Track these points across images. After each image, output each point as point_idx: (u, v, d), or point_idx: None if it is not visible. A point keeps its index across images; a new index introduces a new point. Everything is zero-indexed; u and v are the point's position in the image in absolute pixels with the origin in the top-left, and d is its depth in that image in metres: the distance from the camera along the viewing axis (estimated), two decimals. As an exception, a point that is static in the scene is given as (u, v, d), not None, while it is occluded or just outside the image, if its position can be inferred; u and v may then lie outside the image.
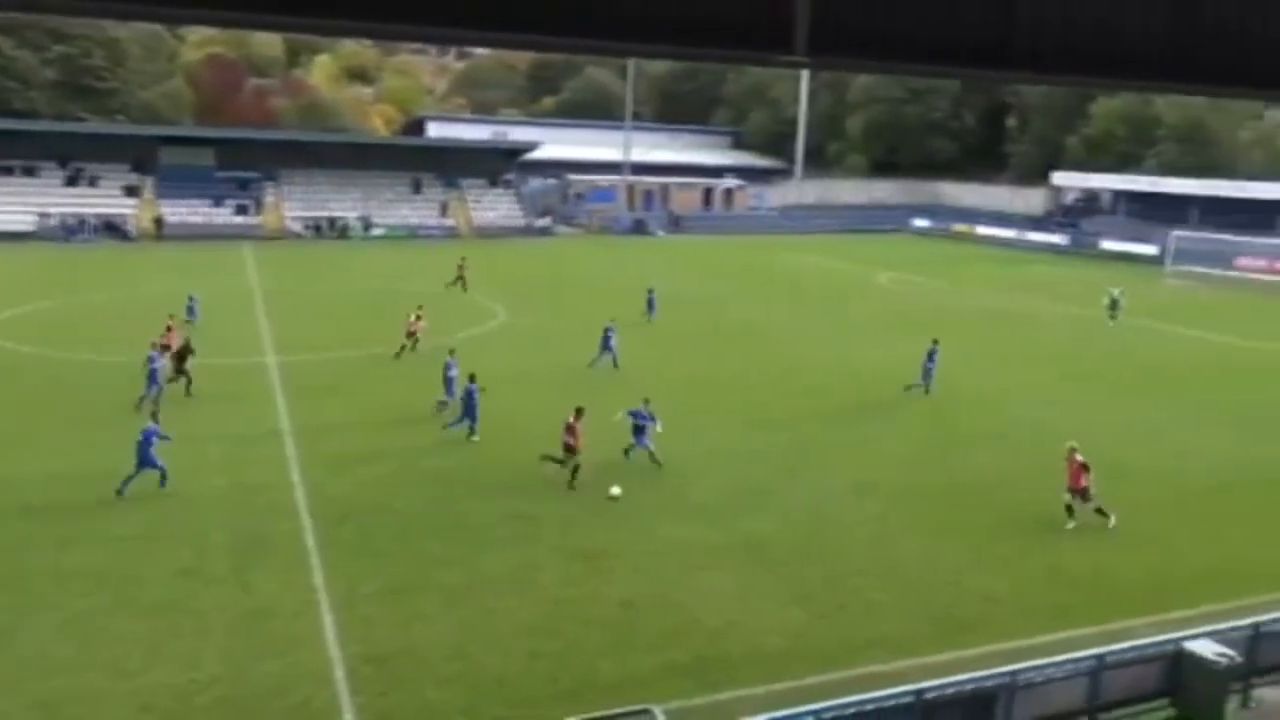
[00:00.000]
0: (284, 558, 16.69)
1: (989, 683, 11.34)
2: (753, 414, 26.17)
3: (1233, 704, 12.38)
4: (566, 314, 40.35)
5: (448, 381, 25.66)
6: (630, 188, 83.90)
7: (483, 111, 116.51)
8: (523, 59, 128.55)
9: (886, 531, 18.57)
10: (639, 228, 78.96)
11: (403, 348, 31.75)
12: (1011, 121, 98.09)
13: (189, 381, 26.53)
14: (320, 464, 21.38)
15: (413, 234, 71.44)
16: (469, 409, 23.36)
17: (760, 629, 14.67)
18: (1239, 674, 12.33)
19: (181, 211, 68.11)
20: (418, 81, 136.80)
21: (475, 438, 23.17)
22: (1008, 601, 15.78)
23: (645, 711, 10.29)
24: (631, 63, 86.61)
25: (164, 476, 19.48)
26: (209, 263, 53.55)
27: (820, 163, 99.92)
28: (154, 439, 19.52)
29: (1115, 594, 16.02)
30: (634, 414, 21.79)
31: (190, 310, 36.11)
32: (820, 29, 7.60)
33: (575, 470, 20.31)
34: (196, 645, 13.81)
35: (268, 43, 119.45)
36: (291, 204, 71.96)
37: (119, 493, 19.03)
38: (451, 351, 26.80)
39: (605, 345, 31.00)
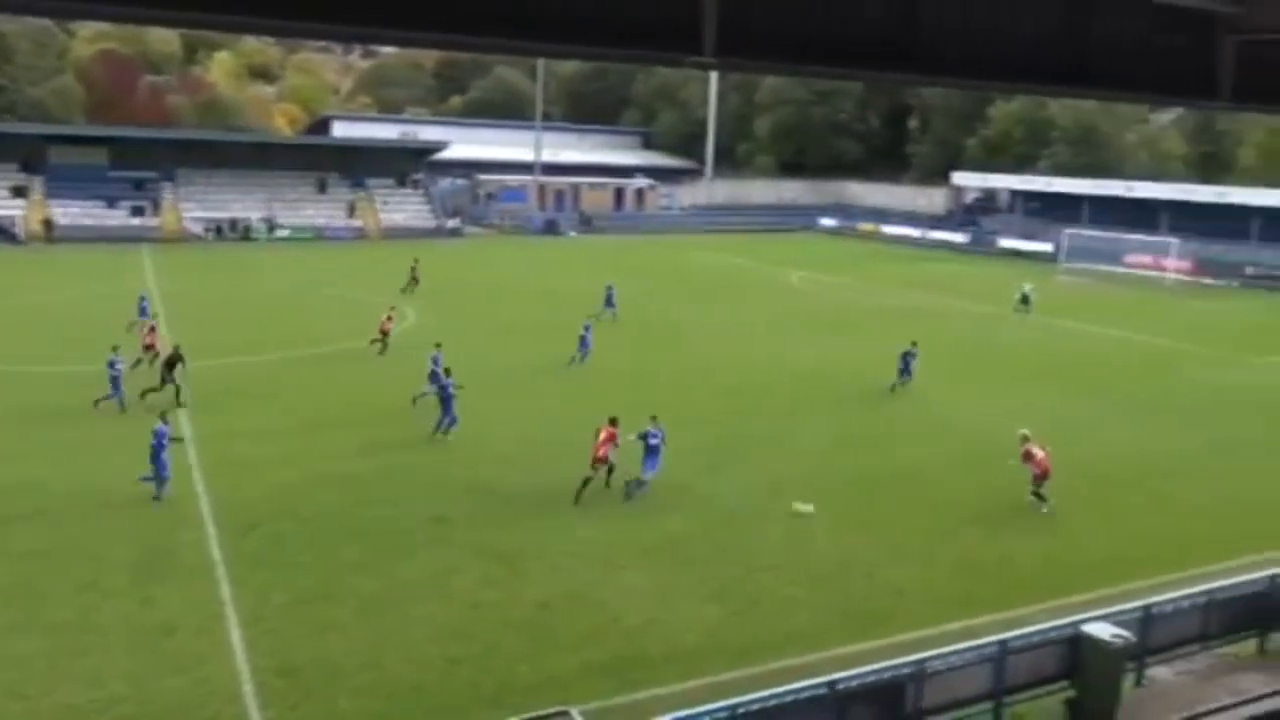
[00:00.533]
0: (188, 570, 16.20)
1: (898, 672, 11.63)
2: (670, 412, 26.24)
3: (1128, 682, 12.92)
4: (478, 316, 40.04)
5: (433, 375, 25.64)
6: (541, 188, 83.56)
7: (389, 111, 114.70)
8: (430, 58, 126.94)
9: (801, 527, 18.86)
10: (550, 228, 78.72)
11: (374, 341, 32.35)
12: (914, 123, 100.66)
13: (178, 390, 25.55)
14: (225, 472, 20.80)
15: (319, 235, 69.98)
16: (446, 407, 23.29)
17: (678, 626, 14.77)
18: (1133, 654, 12.87)
19: (73, 213, 65.45)
20: (322, 80, 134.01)
21: (448, 435, 23.13)
22: (917, 592, 16.19)
23: (563, 713, 10.27)
24: (541, 63, 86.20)
25: (161, 484, 19.08)
26: (105, 266, 51.64)
27: (730, 163, 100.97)
28: (165, 440, 19.13)
29: (1019, 582, 16.57)
30: (646, 435, 20.06)
31: (142, 310, 34.87)
32: (728, 31, 7.71)
33: (610, 471, 19.90)
34: (98, 663, 13.31)
35: (164, 39, 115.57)
36: (191, 205, 69.76)
37: (155, 499, 18.87)
38: (438, 345, 27.03)
39: (583, 342, 31.43)
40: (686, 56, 7.89)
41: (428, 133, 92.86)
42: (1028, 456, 20.07)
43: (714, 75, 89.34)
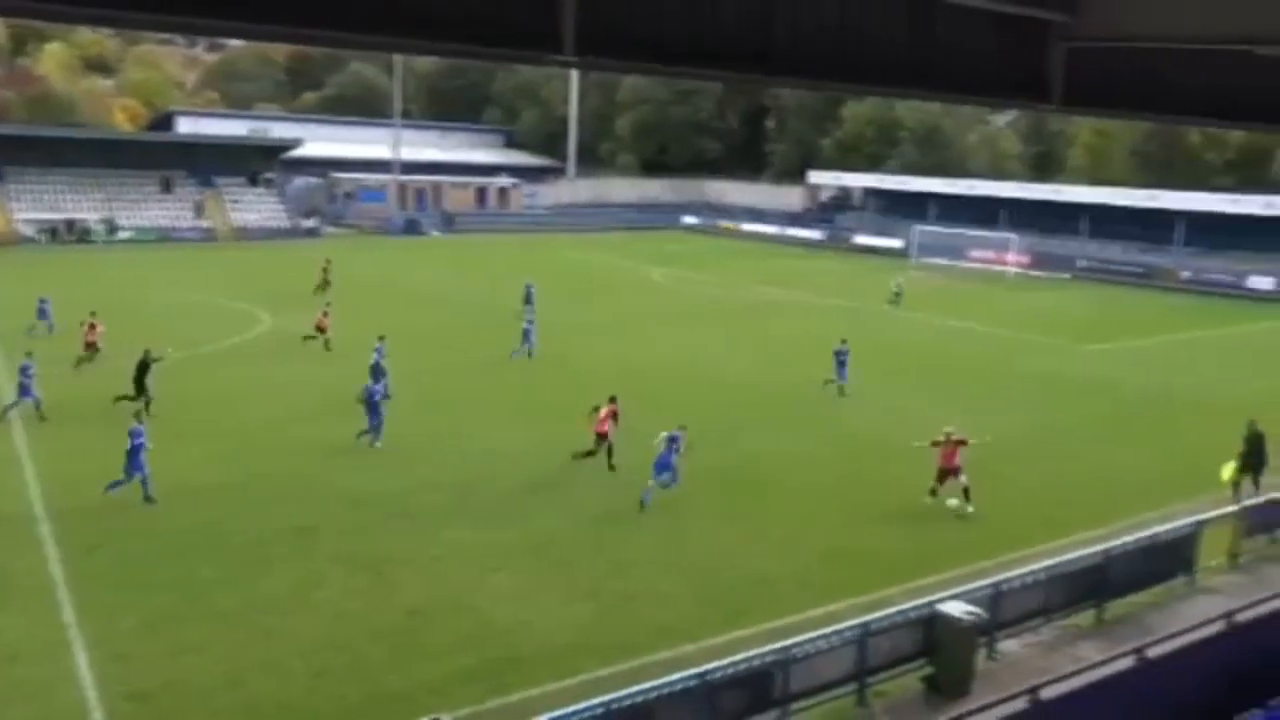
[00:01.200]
0: (27, 595, 15.20)
1: (766, 660, 11.89)
2: (535, 410, 26.19)
3: (980, 656, 13.58)
4: (337, 319, 38.90)
5: (374, 370, 25.84)
6: (401, 187, 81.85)
7: (239, 106, 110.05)
8: (281, 52, 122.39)
9: (671, 521, 19.07)
10: (412, 228, 77.22)
11: (309, 338, 32.94)
12: (771, 123, 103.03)
13: (148, 401, 24.27)
14: (66, 490, 19.56)
15: (165, 236, 66.77)
16: (373, 412, 22.56)
17: (550, 626, 14.72)
18: (984, 629, 13.53)
19: (-114, 214, 60.65)
20: (164, 74, 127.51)
21: (378, 443, 22.36)
22: (784, 581, 16.59)
23: (435, 721, 10.12)
24: (398, 59, 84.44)
25: (145, 482, 18.69)
26: (-77, 271, 47.91)
27: (593, 161, 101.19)
28: (142, 442, 18.57)
29: (879, 567, 17.16)
30: (672, 438, 19.94)
31: (42, 313, 32.59)
32: (587, 30, 7.71)
33: (610, 452, 21.19)
34: (-74, 699, 12.35)
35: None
36: (21, 205, 65.42)
37: (148, 499, 18.68)
38: (381, 338, 27.21)
39: (526, 337, 32.18)
40: (547, 55, 7.85)
41: (280, 130, 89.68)
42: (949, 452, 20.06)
43: (575, 74, 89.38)
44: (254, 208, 73.39)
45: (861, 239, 76.78)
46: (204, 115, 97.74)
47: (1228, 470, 20.62)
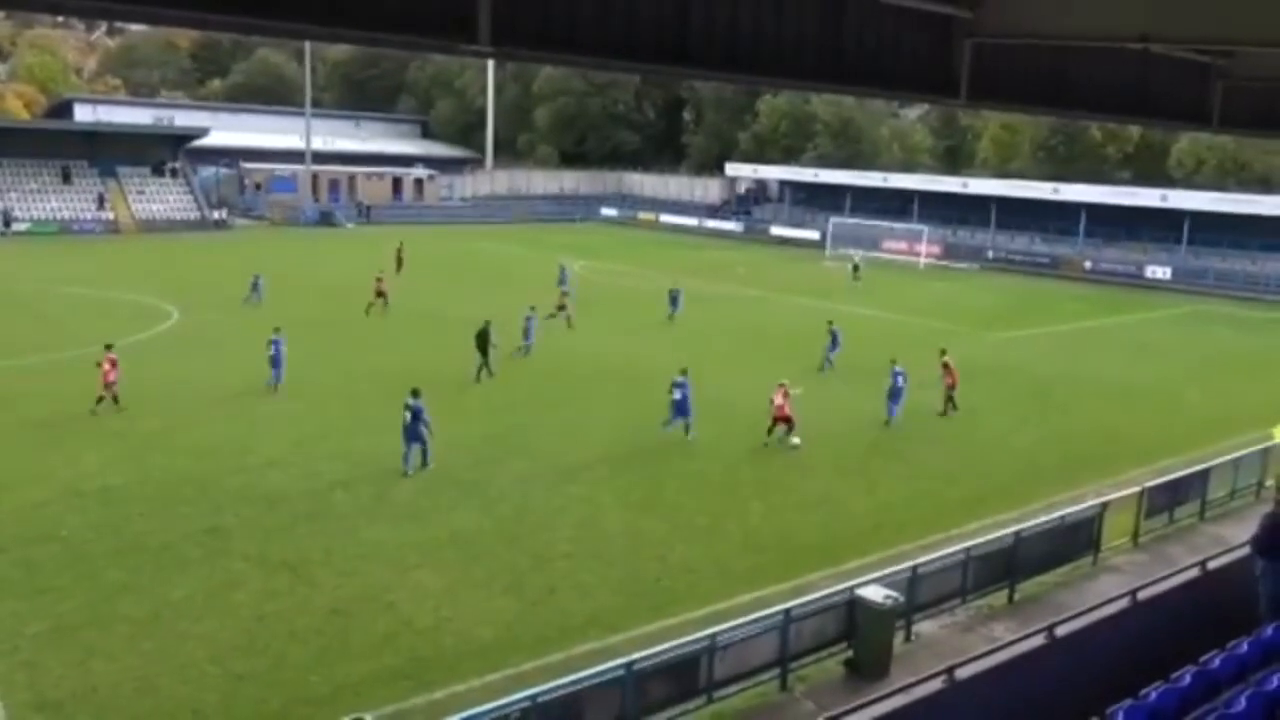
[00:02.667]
0: (-77, 605, 14.53)
1: (692, 648, 12.01)
2: (448, 405, 25.89)
3: (899, 639, 13.91)
4: (249, 313, 37.98)
5: (274, 360, 26.65)
6: (314, 177, 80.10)
7: (142, 94, 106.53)
8: (185, 37, 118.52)
9: (592, 512, 19.09)
10: (326, 219, 75.68)
11: (371, 305, 36.95)
12: (688, 115, 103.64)
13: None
14: (-37, 494, 18.75)
15: (64, 229, 64.30)
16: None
17: (473, 622, 14.62)
18: (902, 612, 13.86)
19: None
20: (61, 59, 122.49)
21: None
22: (707, 569, 16.74)
23: (358, 721, 9.97)
24: (308, 46, 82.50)
25: None
26: None
27: (511, 153, 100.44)
28: None
29: (798, 553, 17.44)
30: (677, 385, 23.44)
31: None
32: (503, 20, 7.65)
33: (790, 429, 23.07)
34: None
35: None
36: (-92, 197, 62.36)
37: None
38: (277, 330, 27.24)
39: (526, 333, 32.18)
40: (461, 44, 7.76)
41: (185, 118, 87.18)
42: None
43: (491, 64, 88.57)
44: (160, 199, 71.07)
45: (778, 230, 77.76)
46: (104, 103, 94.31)
47: (1279, 431, 21.97)
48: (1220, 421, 26.86)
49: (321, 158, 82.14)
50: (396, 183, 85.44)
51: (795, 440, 23.23)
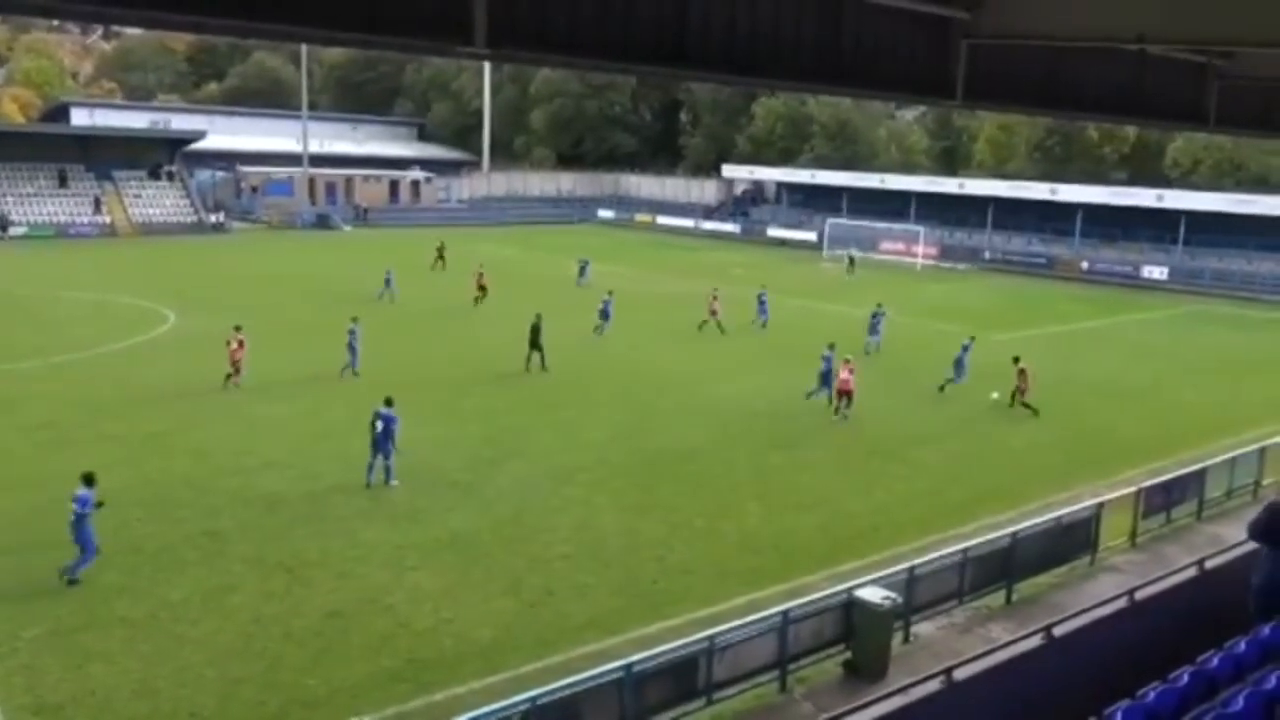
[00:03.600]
0: (-81, 608, 14.50)
1: (691, 649, 12.00)
2: (450, 406, 25.91)
3: (897, 640, 13.91)
4: (246, 316, 37.95)
5: (350, 347, 28.32)
6: (311, 180, 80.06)
7: (138, 97, 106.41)
8: (182, 41, 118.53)
9: (589, 514, 19.08)
10: (323, 222, 75.62)
11: (477, 299, 40.47)
12: (685, 117, 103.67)
13: None
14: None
15: (61, 232, 64.33)
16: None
17: (472, 624, 14.61)
18: (900, 613, 13.86)
19: None
20: (57, 63, 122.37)
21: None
22: (705, 570, 16.73)
23: (357, 723, 9.96)
24: (304, 49, 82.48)
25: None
26: None
27: (507, 155, 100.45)
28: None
29: (796, 554, 17.44)
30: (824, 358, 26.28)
31: None
32: (499, 22, 7.64)
33: (836, 410, 25.68)
34: None
35: None
36: (-96, 200, 62.26)
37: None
38: (354, 319, 29.11)
39: (604, 322, 34.66)
40: (458, 47, 7.76)
41: (182, 121, 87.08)
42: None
43: (487, 66, 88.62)
44: (156, 202, 71.02)
45: (775, 232, 77.79)
46: (101, 106, 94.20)
47: None
48: (1217, 421, 26.89)
49: (318, 160, 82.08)
50: (393, 185, 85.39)
51: (846, 413, 25.97)
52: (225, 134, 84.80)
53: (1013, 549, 15.72)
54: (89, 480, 15.75)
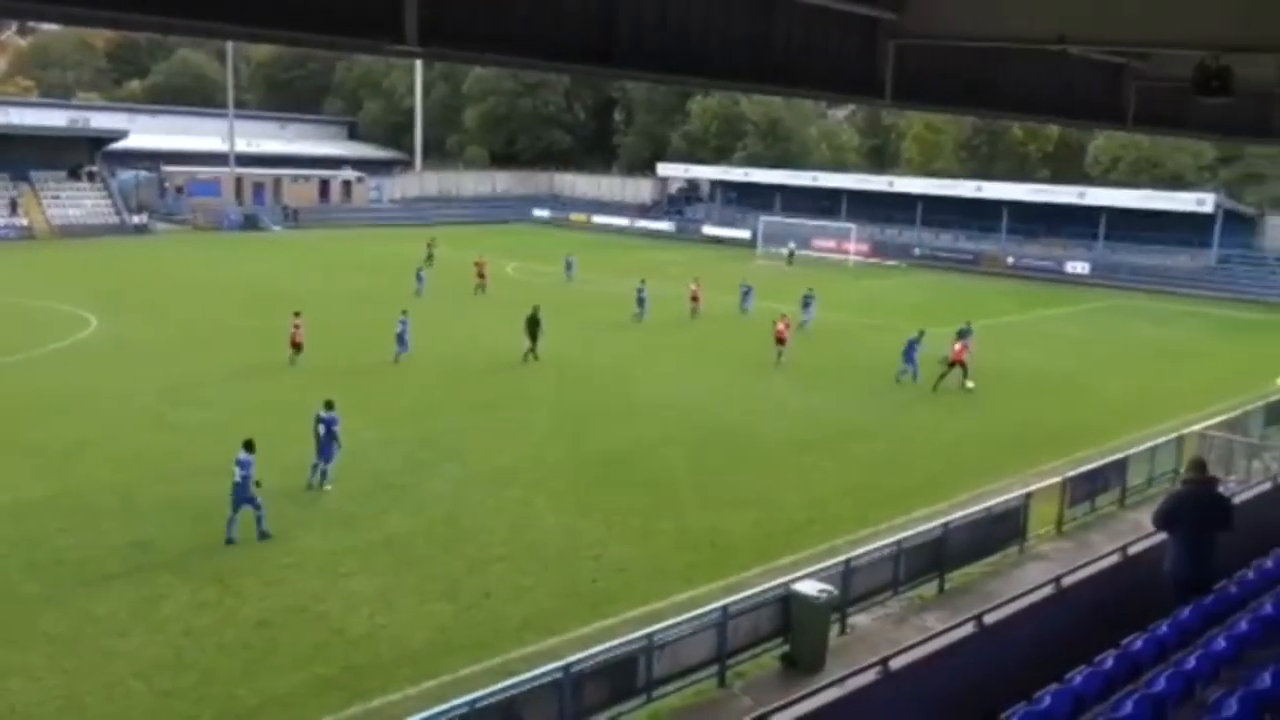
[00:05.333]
0: None
1: (629, 648, 12.00)
2: (381, 408, 25.56)
3: (834, 632, 14.08)
4: (172, 320, 37.07)
5: (400, 337, 30.45)
6: (238, 180, 78.35)
7: (55, 95, 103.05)
8: (101, 37, 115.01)
9: (527, 514, 18.99)
10: (251, 223, 74.01)
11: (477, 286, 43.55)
12: (619, 116, 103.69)
13: None
14: None
15: (-25, 235, 62.02)
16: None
17: (408, 629, 14.43)
18: (837, 606, 14.03)
19: None
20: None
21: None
22: (642, 569, 16.76)
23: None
24: (230, 46, 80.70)
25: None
26: None
27: (440, 154, 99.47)
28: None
29: (732, 550, 17.56)
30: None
31: None
32: (430, 20, 7.54)
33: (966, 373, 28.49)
34: None
35: None
36: None
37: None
38: (405, 311, 31.39)
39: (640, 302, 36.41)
40: (388, 44, 7.64)
41: (103, 120, 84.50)
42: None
43: (419, 64, 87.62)
44: (77, 203, 68.84)
45: (710, 230, 78.19)
46: (16, 104, 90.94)
47: None
48: (1138, 410, 27.73)
49: (245, 160, 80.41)
50: (324, 185, 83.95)
51: (970, 384, 29.02)
52: (148, 133, 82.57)
53: (945, 540, 16.02)
54: (249, 446, 17.44)
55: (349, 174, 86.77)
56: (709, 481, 21.22)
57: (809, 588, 13.54)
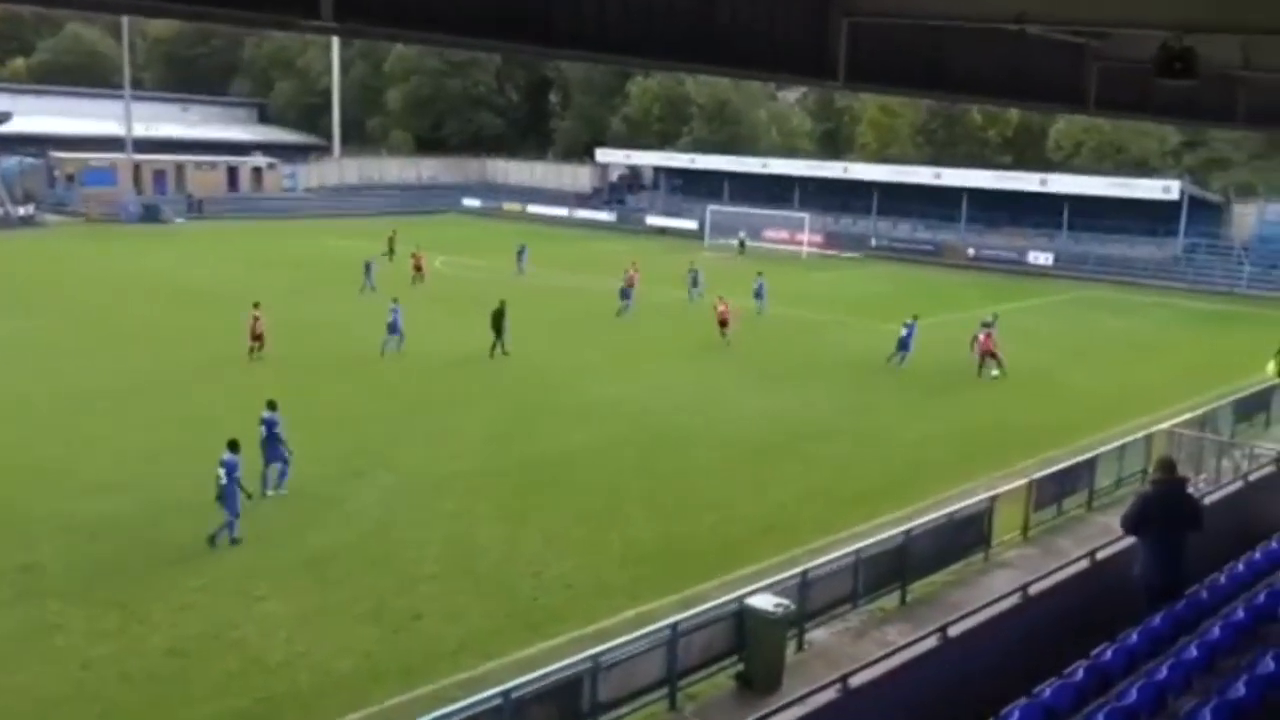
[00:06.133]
0: None
1: (573, 670, 11.97)
2: (306, 415, 25.15)
3: (791, 648, 14.19)
4: (70, 321, 36.14)
5: (392, 326, 31.89)
6: (136, 167, 76.72)
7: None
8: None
9: (463, 528, 18.86)
10: (151, 214, 72.42)
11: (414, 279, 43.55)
12: (554, 98, 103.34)
13: None
14: None
15: None
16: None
17: (331, 655, 14.25)
18: (794, 620, 14.14)
19: None
20: None
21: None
22: (587, 584, 16.74)
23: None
24: (125, 19, 78.90)
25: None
26: None
27: (361, 139, 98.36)
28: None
29: (685, 562, 17.59)
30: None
31: None
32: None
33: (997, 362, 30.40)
34: None
35: None
36: None
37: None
38: (395, 299, 32.72)
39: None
40: (301, 20, 7.53)
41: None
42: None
43: (336, 41, 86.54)
44: (-46, 194, 66.88)
45: (654, 220, 78.37)
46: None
47: (1271, 366, 25.08)
48: (1106, 406, 28.36)
49: (144, 145, 78.80)
50: (232, 173, 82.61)
51: (995, 373, 31.12)
52: (35, 115, 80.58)
53: (906, 548, 16.22)
54: (234, 447, 17.80)
55: (259, 160, 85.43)
56: (660, 487, 21.27)
57: (764, 602, 13.63)
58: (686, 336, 37.11)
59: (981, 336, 32.07)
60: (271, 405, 20.12)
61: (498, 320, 32.37)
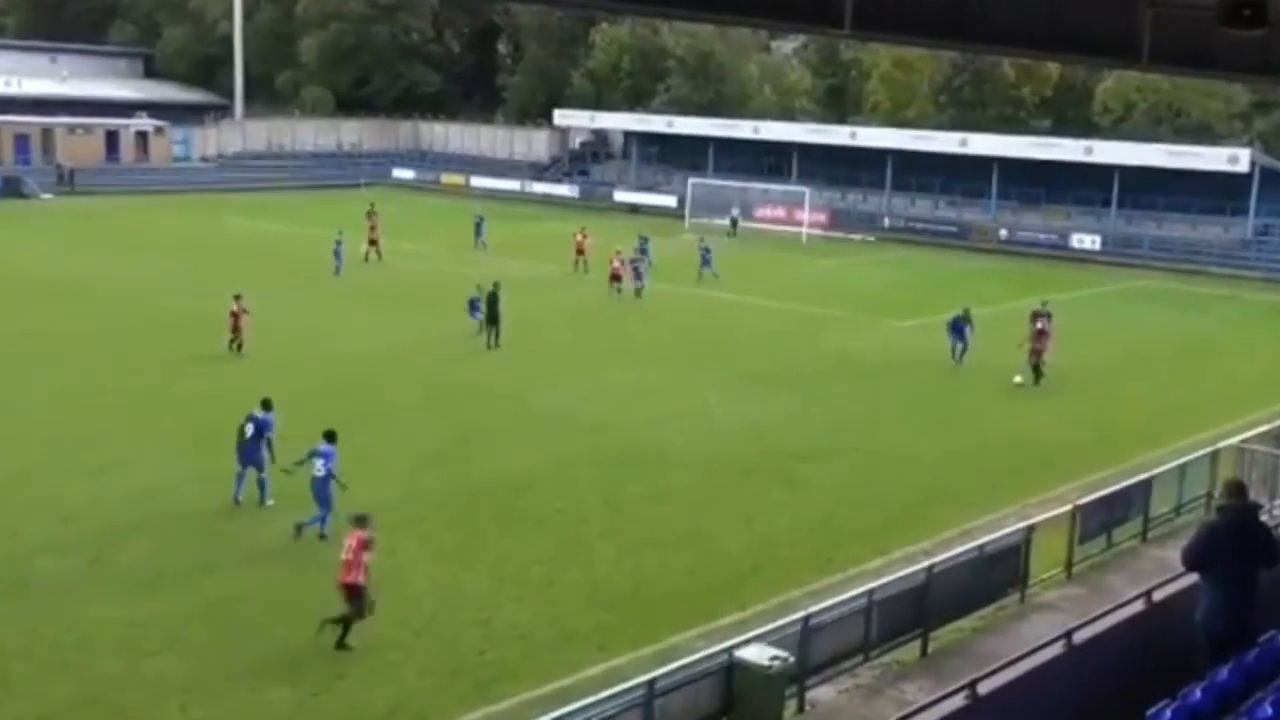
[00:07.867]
0: None
1: (529, 738, 11.96)
2: (196, 438, 24.98)
3: (789, 709, 14.21)
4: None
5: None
6: (-7, 131, 76.10)
7: None
8: None
9: (395, 568, 18.71)
10: (12, 188, 71.76)
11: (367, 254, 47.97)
12: (504, 48, 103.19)
13: None
14: None
15: None
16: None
17: (236, 723, 14.19)
18: (793, 676, 14.16)
19: None
20: None
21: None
22: (544, 634, 16.73)
23: None
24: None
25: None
26: None
27: (269, 97, 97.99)
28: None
29: (660, 606, 17.62)
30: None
31: None
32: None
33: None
34: None
35: None
36: None
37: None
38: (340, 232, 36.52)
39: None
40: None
41: None
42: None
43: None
44: None
45: (624, 195, 78.34)
46: None
47: None
48: (1162, 420, 28.64)
49: (3, 105, 78.02)
50: (111, 138, 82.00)
51: (1018, 379, 31.69)
52: None
53: (928, 588, 16.28)
54: (330, 437, 19.49)
55: (145, 123, 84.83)
56: (627, 518, 21.28)
57: (757, 654, 13.65)
58: (658, 331, 37.17)
59: (1040, 326, 32.74)
60: (266, 404, 20.80)
61: (492, 307, 33.96)
